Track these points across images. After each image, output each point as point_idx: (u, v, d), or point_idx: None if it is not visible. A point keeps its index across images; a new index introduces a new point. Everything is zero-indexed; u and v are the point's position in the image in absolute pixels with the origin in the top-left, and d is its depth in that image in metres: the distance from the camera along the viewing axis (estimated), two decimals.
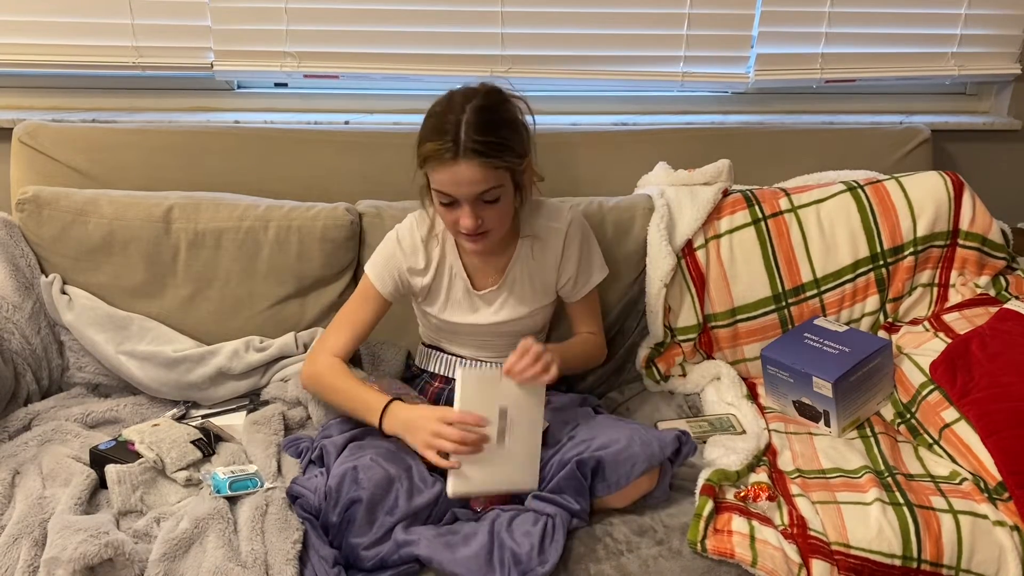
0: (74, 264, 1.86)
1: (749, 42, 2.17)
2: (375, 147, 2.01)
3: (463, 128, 1.41)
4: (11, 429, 1.65)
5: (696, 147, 2.04)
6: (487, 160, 1.42)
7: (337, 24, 2.09)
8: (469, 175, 1.42)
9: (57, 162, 1.94)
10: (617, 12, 2.11)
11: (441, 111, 1.46)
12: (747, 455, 1.55)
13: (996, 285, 1.86)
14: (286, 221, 1.85)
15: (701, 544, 1.37)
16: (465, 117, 1.42)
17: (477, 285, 1.65)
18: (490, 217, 1.49)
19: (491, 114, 1.44)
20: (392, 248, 1.64)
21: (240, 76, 2.18)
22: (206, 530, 1.33)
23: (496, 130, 1.43)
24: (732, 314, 1.86)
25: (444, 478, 1.41)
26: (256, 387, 1.81)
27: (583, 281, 1.69)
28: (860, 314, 1.87)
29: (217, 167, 1.98)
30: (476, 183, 1.43)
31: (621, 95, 2.26)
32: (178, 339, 1.84)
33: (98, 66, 2.10)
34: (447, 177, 1.44)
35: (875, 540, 1.37)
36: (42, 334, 1.81)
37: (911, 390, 1.67)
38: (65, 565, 1.23)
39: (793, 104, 2.30)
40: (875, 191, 1.87)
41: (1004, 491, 1.43)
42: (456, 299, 1.66)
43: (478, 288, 1.65)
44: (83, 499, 1.40)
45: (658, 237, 1.84)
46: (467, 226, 1.47)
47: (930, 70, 2.23)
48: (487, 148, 1.41)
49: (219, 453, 1.57)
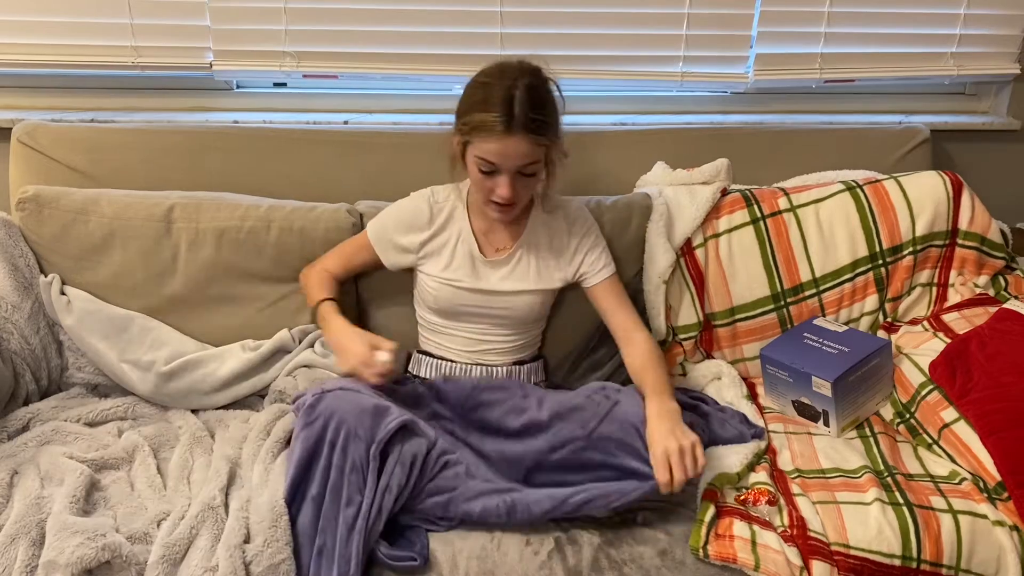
0: (74, 264, 1.86)
1: (748, 42, 2.17)
2: (374, 147, 2.01)
3: (517, 103, 1.47)
4: (10, 429, 1.65)
5: (695, 147, 2.04)
6: (536, 137, 1.50)
7: (336, 24, 2.09)
8: (518, 149, 1.50)
9: (56, 162, 1.94)
10: (617, 12, 2.11)
11: (490, 80, 1.52)
12: (748, 455, 1.55)
13: (995, 285, 1.86)
14: (288, 222, 1.85)
15: (703, 550, 1.37)
16: (518, 94, 1.48)
17: (484, 252, 1.70)
18: (523, 189, 1.58)
19: (541, 92, 1.53)
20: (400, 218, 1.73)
21: (239, 76, 2.18)
22: (201, 531, 1.33)
23: (544, 108, 1.52)
24: (731, 313, 1.86)
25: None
26: (256, 388, 1.81)
27: (604, 259, 1.73)
28: (859, 314, 1.87)
29: (216, 167, 1.98)
30: (522, 156, 1.51)
31: (621, 95, 2.26)
32: (179, 339, 1.84)
33: (97, 66, 2.10)
34: (496, 148, 1.50)
35: (875, 540, 1.37)
36: (41, 334, 1.81)
37: (910, 390, 1.67)
38: (63, 569, 1.23)
39: (792, 104, 2.30)
40: (874, 191, 1.87)
41: (1003, 491, 1.43)
42: (460, 262, 1.70)
43: (485, 256, 1.69)
44: (79, 497, 1.41)
45: (656, 234, 1.84)
46: (503, 196, 1.55)
47: (929, 70, 2.23)
48: (537, 125, 1.49)
49: None
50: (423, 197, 1.74)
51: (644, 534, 1.42)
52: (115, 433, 1.68)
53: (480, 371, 1.74)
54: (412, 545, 1.39)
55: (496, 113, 1.48)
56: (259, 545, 1.32)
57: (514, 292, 1.70)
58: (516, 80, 1.49)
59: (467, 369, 1.74)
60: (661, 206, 1.87)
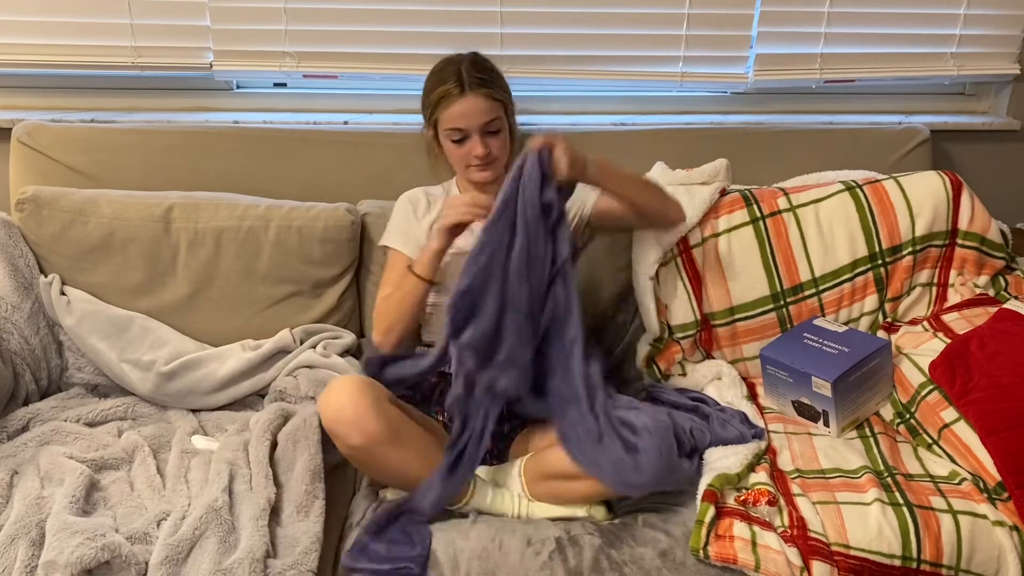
0: (74, 264, 1.86)
1: (748, 42, 2.17)
2: (374, 147, 2.01)
3: (464, 70, 1.66)
4: (10, 429, 1.65)
5: (695, 147, 2.04)
6: (489, 91, 1.66)
7: (336, 24, 2.09)
8: (476, 106, 1.65)
9: (56, 162, 1.94)
10: (616, 12, 2.11)
11: (440, 66, 1.71)
12: (748, 455, 1.55)
13: (995, 285, 1.86)
14: (287, 221, 1.85)
15: (703, 551, 1.37)
16: (464, 65, 1.68)
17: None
18: (495, 146, 1.70)
19: (484, 61, 1.72)
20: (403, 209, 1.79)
21: (239, 76, 2.18)
22: (206, 532, 1.33)
23: (491, 71, 1.71)
24: (730, 313, 1.86)
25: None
26: (256, 388, 1.81)
27: (587, 190, 1.72)
28: (859, 314, 1.87)
29: (216, 167, 1.98)
30: (483, 113, 1.66)
31: (620, 95, 2.26)
32: (179, 340, 1.84)
33: (97, 66, 2.10)
34: (458, 111, 1.65)
35: (875, 540, 1.37)
36: (41, 334, 1.81)
37: (910, 390, 1.67)
38: (63, 569, 1.23)
39: (792, 104, 2.30)
40: (874, 191, 1.87)
41: (1003, 491, 1.43)
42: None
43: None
44: (79, 497, 1.41)
45: (646, 234, 1.84)
46: (479, 154, 1.67)
47: (929, 70, 2.23)
48: (486, 82, 1.67)
49: None
50: (413, 191, 1.83)
51: (645, 535, 1.42)
52: (115, 433, 1.68)
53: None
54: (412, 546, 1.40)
55: (450, 83, 1.66)
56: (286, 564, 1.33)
57: None
58: (461, 58, 1.70)
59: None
60: None
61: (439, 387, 1.74)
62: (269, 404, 1.74)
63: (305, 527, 1.40)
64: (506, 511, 1.51)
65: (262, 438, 1.57)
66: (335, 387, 1.45)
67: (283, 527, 1.41)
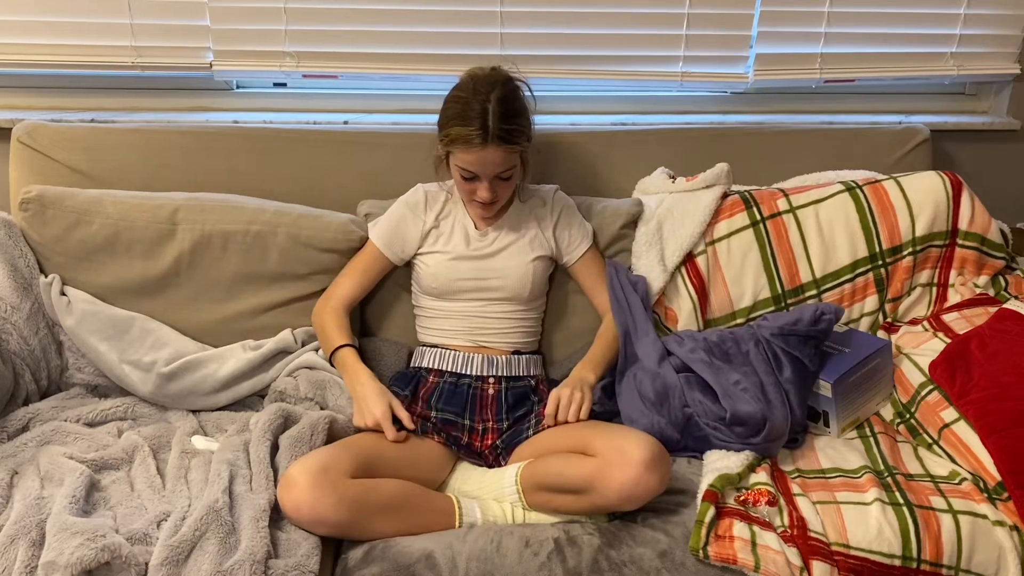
0: (76, 264, 1.85)
1: (748, 42, 2.17)
2: (374, 147, 2.00)
3: (491, 118, 1.60)
4: (10, 429, 1.65)
5: (695, 147, 2.04)
6: (510, 146, 1.63)
7: (336, 24, 2.09)
8: (494, 158, 1.64)
9: (56, 162, 1.94)
10: (616, 12, 2.11)
11: (466, 96, 1.64)
12: (748, 456, 1.54)
13: (995, 285, 1.86)
14: (295, 229, 1.84)
15: (703, 551, 1.37)
16: (491, 107, 1.61)
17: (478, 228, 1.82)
18: (503, 190, 1.72)
19: (512, 103, 1.65)
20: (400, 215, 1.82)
21: (239, 76, 2.18)
22: (206, 533, 1.33)
23: (516, 118, 1.65)
24: (732, 318, 1.86)
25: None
26: (257, 388, 1.81)
27: (581, 233, 1.84)
28: (859, 314, 1.87)
29: (216, 167, 1.97)
30: (499, 164, 1.65)
31: (620, 95, 2.26)
32: (179, 340, 1.84)
33: (97, 66, 2.10)
34: (474, 158, 1.64)
35: (875, 540, 1.37)
36: (40, 334, 1.81)
37: (910, 390, 1.67)
38: (63, 569, 1.23)
39: (792, 104, 2.30)
40: (874, 191, 1.87)
41: (1003, 491, 1.43)
42: (457, 238, 1.80)
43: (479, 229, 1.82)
44: (79, 497, 1.40)
45: (648, 252, 1.86)
46: (484, 198, 1.69)
47: (929, 70, 2.23)
48: (510, 136, 1.63)
49: None
50: (415, 189, 1.85)
51: (644, 535, 1.42)
52: (115, 433, 1.68)
53: (481, 359, 1.76)
54: None
55: (472, 128, 1.60)
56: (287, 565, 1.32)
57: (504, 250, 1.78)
58: (488, 95, 1.62)
59: (469, 357, 1.76)
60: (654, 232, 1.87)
61: (439, 387, 1.74)
62: (269, 404, 1.74)
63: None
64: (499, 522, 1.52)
65: (262, 439, 1.56)
66: (288, 482, 1.41)
67: (284, 529, 1.41)
